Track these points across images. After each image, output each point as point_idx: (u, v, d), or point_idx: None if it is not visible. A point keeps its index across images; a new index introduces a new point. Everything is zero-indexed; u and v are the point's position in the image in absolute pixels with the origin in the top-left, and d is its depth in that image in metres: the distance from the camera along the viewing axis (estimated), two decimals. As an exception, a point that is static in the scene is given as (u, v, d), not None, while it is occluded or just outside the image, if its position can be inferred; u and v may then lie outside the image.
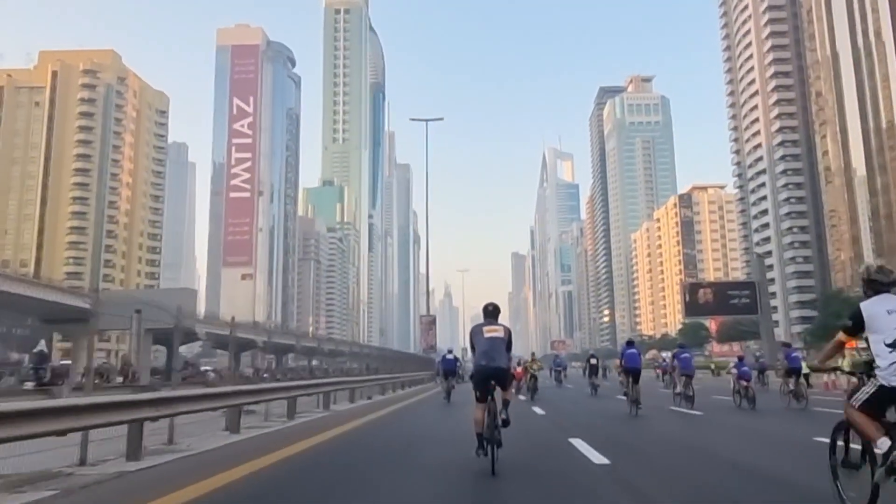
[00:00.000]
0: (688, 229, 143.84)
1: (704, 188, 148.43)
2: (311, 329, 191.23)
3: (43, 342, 28.18)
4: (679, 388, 16.21)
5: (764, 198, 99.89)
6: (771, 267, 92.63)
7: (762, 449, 8.48)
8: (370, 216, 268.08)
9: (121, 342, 67.85)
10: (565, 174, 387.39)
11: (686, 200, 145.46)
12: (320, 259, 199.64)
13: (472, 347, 6.49)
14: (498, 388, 6.36)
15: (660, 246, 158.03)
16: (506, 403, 6.51)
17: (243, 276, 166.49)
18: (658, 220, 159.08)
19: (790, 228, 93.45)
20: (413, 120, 40.08)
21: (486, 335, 6.40)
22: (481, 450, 6.12)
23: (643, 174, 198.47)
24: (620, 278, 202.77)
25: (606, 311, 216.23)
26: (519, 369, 21.95)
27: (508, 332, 6.51)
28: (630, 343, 15.98)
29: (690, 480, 5.96)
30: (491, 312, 6.63)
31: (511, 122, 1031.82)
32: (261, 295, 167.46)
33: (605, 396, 20.67)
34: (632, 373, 14.26)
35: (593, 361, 24.90)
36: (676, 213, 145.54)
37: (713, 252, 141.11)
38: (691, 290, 55.08)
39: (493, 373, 6.28)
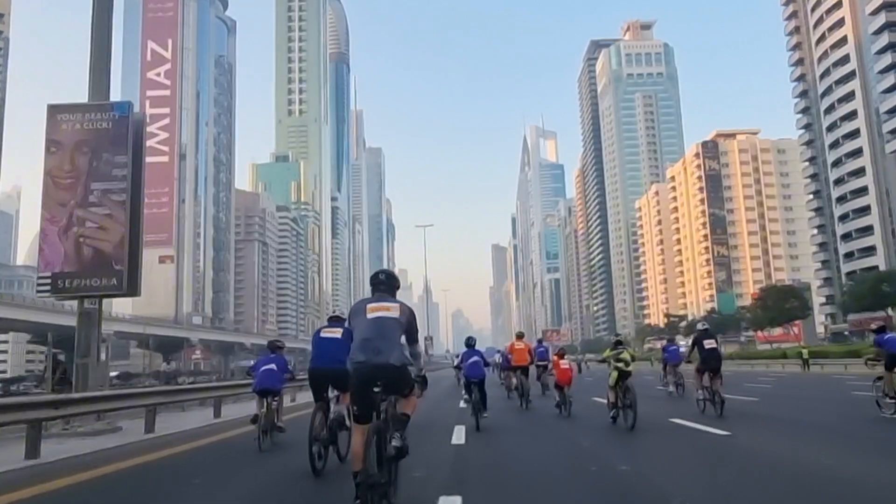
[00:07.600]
0: (714, 185, 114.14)
1: (732, 134, 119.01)
2: (255, 322, 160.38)
3: None
4: None
5: (852, 114, 70.06)
6: (869, 225, 63.16)
7: None
8: (334, 198, 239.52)
9: None
10: (549, 154, 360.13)
11: (711, 150, 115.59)
12: (267, 241, 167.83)
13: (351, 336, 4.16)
14: (390, 399, 3.97)
15: (675, 210, 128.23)
16: (402, 422, 4.03)
17: (161, 259, 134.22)
18: (673, 178, 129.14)
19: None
20: None
21: (370, 315, 4.09)
22: (358, 501, 3.67)
23: (645, 135, 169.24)
24: (620, 257, 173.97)
25: (602, 297, 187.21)
26: (564, 364, 11.95)
27: (409, 314, 4.18)
28: None
29: None
30: (383, 282, 4.29)
31: (492, 104, 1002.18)
32: (186, 280, 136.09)
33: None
34: None
35: (711, 344, 10.62)
36: (699, 167, 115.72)
37: (747, 212, 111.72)
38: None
39: (377, 373, 3.89)
